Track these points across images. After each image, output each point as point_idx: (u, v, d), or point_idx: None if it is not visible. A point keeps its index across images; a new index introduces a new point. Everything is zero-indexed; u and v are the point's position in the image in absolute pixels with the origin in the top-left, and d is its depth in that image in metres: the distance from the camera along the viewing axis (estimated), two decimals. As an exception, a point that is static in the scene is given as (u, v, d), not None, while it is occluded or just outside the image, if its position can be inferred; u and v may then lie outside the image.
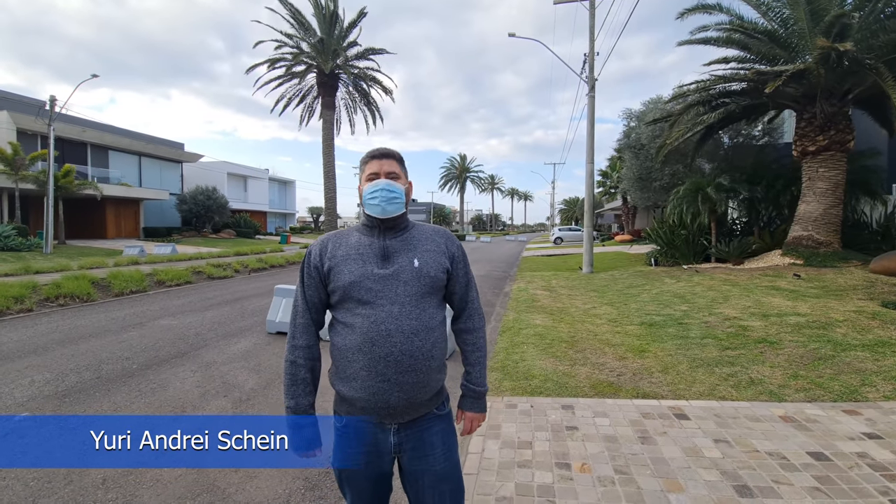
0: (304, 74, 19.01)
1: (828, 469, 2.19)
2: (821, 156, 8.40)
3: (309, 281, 1.32)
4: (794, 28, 7.96)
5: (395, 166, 1.33)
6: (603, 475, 2.26)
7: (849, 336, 4.28)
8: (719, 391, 3.34)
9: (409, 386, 1.22)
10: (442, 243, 1.34)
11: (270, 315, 5.51)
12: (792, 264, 8.47)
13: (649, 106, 14.02)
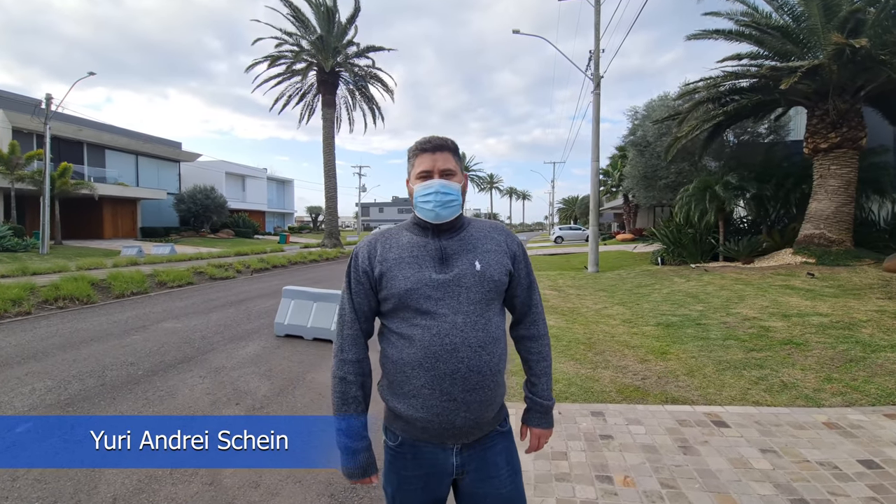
0: (305, 72, 18.85)
1: (881, 478, 2.07)
2: (833, 153, 8.31)
3: (357, 287, 1.17)
4: (807, 24, 7.86)
5: (451, 160, 1.17)
6: (649, 489, 2.12)
7: (876, 337, 4.17)
8: (752, 396, 3.22)
9: (477, 405, 1.10)
10: (502, 241, 1.20)
11: (278, 318, 5.35)
12: (804, 263, 8.38)
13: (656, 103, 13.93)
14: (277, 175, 48.44)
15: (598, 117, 11.15)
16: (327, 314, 5.15)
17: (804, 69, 6.95)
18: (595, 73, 10.83)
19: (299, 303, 5.33)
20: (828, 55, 6.96)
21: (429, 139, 1.20)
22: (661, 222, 13.42)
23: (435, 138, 1.20)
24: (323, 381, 3.88)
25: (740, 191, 9.83)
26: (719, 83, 9.07)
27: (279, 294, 8.34)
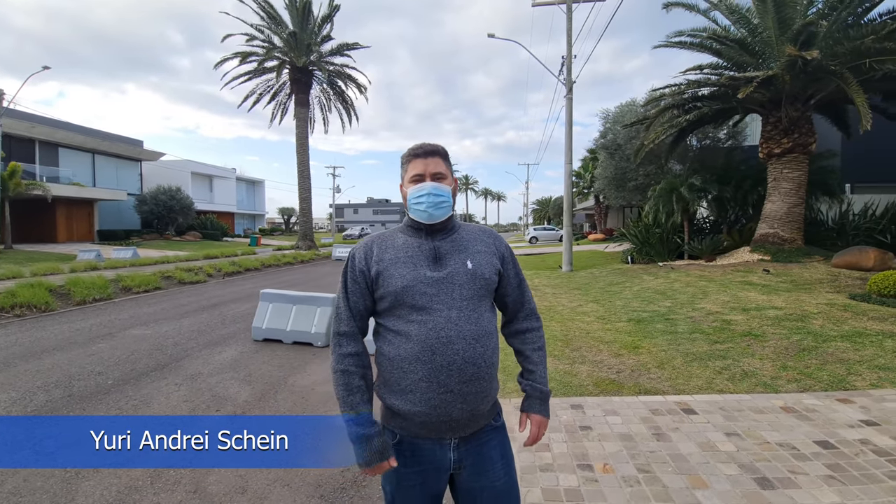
0: (278, 70, 18.39)
1: (836, 457, 2.28)
2: (785, 157, 8.92)
3: (354, 287, 1.22)
4: (762, 36, 8.42)
5: (441, 164, 1.24)
6: (627, 475, 2.25)
7: (826, 328, 4.53)
8: (717, 384, 3.44)
9: (473, 396, 1.14)
10: (491, 243, 1.27)
11: (256, 321, 5.24)
12: (760, 260, 8.94)
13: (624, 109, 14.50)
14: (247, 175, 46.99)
15: (570, 121, 11.49)
16: (307, 317, 5.09)
17: (759, 79, 7.44)
18: (567, 78, 11.17)
19: (278, 306, 5.24)
20: (781, 66, 7.48)
21: (420, 146, 1.27)
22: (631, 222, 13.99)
23: (426, 145, 1.27)
24: (305, 384, 3.85)
25: (703, 192, 10.38)
26: (683, 91, 9.57)
27: (254, 298, 8.15)
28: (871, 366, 3.45)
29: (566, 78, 11.23)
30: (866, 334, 4.12)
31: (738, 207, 11.36)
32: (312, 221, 21.46)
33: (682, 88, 9.51)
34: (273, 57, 18.34)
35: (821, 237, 10.19)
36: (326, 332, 4.98)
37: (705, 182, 10.26)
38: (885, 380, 3.19)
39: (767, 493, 2.03)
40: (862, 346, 3.85)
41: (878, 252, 7.41)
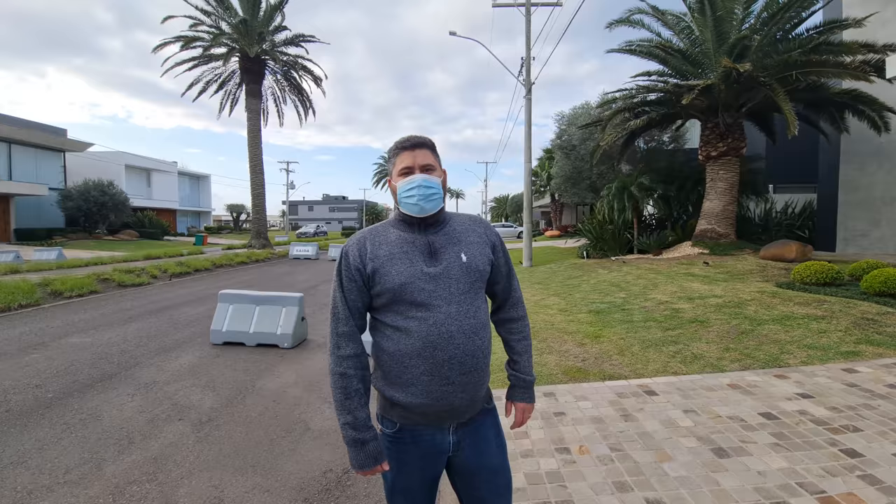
0: (226, 58, 17.24)
1: (780, 427, 2.57)
2: (721, 160, 9.79)
3: (350, 285, 1.20)
4: (702, 48, 9.17)
5: (430, 156, 1.23)
6: (601, 454, 2.40)
7: (759, 312, 5.05)
8: (671, 367, 3.74)
9: (472, 385, 1.18)
10: (483, 233, 1.28)
11: (215, 324, 4.95)
12: (700, 253, 9.75)
13: (579, 111, 15.18)
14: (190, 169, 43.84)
15: (530, 121, 11.86)
16: (272, 318, 4.89)
17: (699, 88, 8.10)
18: (527, 79, 11.50)
19: (239, 307, 4.98)
20: (718, 76, 8.19)
21: (407, 138, 1.25)
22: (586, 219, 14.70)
23: (413, 137, 1.26)
24: (275, 387, 3.71)
25: (651, 191, 11.14)
26: (634, 95, 10.21)
27: (208, 299, 7.67)
28: (801, 345, 3.91)
29: (525, 79, 11.56)
30: (794, 318, 4.65)
31: (681, 205, 12.31)
32: (266, 219, 20.45)
33: (633, 93, 10.14)
34: (221, 44, 17.15)
35: (750, 232, 11.30)
36: (294, 333, 4.82)
37: (652, 182, 11.02)
38: (813, 357, 3.63)
39: (724, 461, 2.25)
40: (791, 328, 4.34)
41: (798, 245, 8.34)
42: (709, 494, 1.99)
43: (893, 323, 4.20)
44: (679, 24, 9.60)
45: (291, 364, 4.31)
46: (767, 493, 1.97)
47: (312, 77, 19.84)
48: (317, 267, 14.34)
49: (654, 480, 2.12)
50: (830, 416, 2.64)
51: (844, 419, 2.57)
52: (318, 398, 3.48)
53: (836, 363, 3.51)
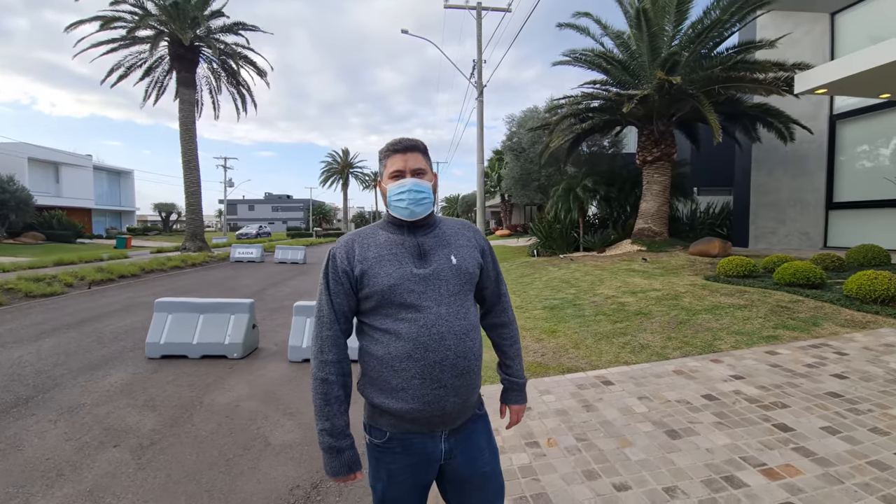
0: (154, 42, 15.64)
1: (720, 407, 2.84)
2: (655, 165, 10.64)
3: (336, 288, 1.18)
4: (639, 60, 9.90)
5: (421, 160, 1.23)
6: (568, 445, 2.50)
7: (693, 304, 5.55)
8: (623, 357, 3.99)
9: (464, 388, 1.18)
10: (472, 237, 1.30)
11: (151, 336, 4.49)
12: (639, 251, 10.53)
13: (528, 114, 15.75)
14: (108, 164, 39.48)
15: (482, 123, 12.08)
16: (219, 327, 4.53)
17: (637, 97, 8.75)
18: (478, 81, 11.72)
19: (180, 316, 4.56)
20: (653, 87, 8.90)
21: (399, 140, 1.24)
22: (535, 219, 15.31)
23: (405, 140, 1.25)
24: (227, 402, 3.44)
25: (594, 193, 11.84)
26: (579, 102, 10.79)
27: (138, 309, 6.94)
28: (729, 332, 4.35)
29: (477, 81, 11.77)
30: (722, 307, 5.17)
31: (621, 206, 13.22)
32: (203, 219, 18.94)
33: (578, 99, 10.72)
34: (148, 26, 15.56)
35: (679, 231, 12.41)
36: (244, 342, 4.50)
37: (596, 184, 11.72)
38: (741, 342, 4.06)
39: (677, 442, 2.44)
40: (720, 317, 4.82)
41: (720, 242, 9.30)
42: (667, 474, 2.15)
43: (804, 309, 4.82)
44: (619, 38, 10.31)
45: (243, 375, 4.02)
46: (717, 468, 2.17)
47: (254, 68, 18.67)
48: (263, 270, 13.53)
49: (618, 466, 2.25)
50: (761, 394, 2.96)
51: (773, 397, 2.90)
52: (277, 410, 3.28)
53: (759, 347, 3.95)
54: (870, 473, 2.02)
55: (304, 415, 3.18)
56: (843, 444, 2.29)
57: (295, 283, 10.44)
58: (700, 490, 2.01)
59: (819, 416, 2.60)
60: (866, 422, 2.49)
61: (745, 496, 1.95)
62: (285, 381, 3.88)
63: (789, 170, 11.03)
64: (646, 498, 1.99)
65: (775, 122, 9.93)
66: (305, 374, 4.05)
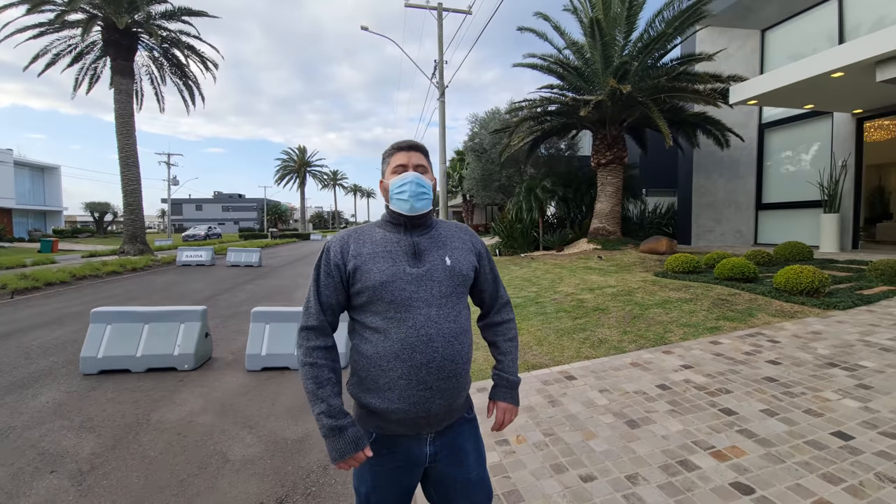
0: (86, 27, 14.21)
1: (672, 395, 3.03)
2: (608, 167, 11.19)
3: (327, 280, 1.20)
4: (593, 68, 10.36)
5: (423, 160, 1.27)
6: (536, 440, 2.57)
7: (645, 299, 5.89)
8: (583, 352, 4.16)
9: (450, 391, 1.18)
10: (468, 240, 1.32)
11: (87, 350, 4.09)
12: (595, 249, 11.03)
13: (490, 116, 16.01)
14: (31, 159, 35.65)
15: (443, 123, 12.12)
16: (167, 337, 4.21)
17: (592, 103, 9.16)
18: (440, 82, 11.75)
19: (121, 327, 4.19)
20: (605, 94, 9.36)
21: (405, 141, 1.30)
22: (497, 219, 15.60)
23: (410, 140, 1.31)
24: (178, 418, 3.20)
25: (553, 193, 12.26)
26: (537, 105, 11.13)
27: (71, 320, 6.32)
28: (678, 324, 4.66)
29: (439, 82, 11.79)
30: (671, 301, 5.52)
31: (577, 206, 13.79)
32: (144, 220, 17.55)
33: (537, 103, 11.05)
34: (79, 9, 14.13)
35: (630, 230, 13.14)
36: (196, 352, 4.22)
37: (554, 185, 12.15)
38: (689, 334, 4.35)
39: (636, 431, 2.58)
40: (670, 310, 5.15)
41: (667, 240, 9.94)
42: (629, 462, 2.26)
43: (741, 302, 5.26)
44: (575, 46, 10.75)
45: (196, 388, 3.76)
46: (672, 453, 2.31)
47: (202, 59, 17.53)
48: (214, 274, 12.75)
49: (584, 458, 2.34)
50: (707, 382, 3.20)
51: (718, 384, 3.14)
52: (236, 423, 3.10)
53: (704, 337, 4.26)
54: (808, 452, 2.24)
55: (266, 426, 3.03)
56: (781, 425, 2.52)
57: (251, 287, 9.93)
58: (658, 475, 2.13)
59: (758, 400, 2.85)
60: (801, 404, 2.76)
61: (698, 478, 2.09)
62: (243, 391, 3.68)
63: (725, 173, 12.01)
64: (610, 487, 2.08)
65: (713, 130, 10.77)
66: (265, 383, 3.86)
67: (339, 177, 74.67)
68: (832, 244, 9.11)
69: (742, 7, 10.29)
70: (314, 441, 2.82)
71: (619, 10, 9.80)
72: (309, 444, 2.78)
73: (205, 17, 16.91)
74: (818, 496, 1.90)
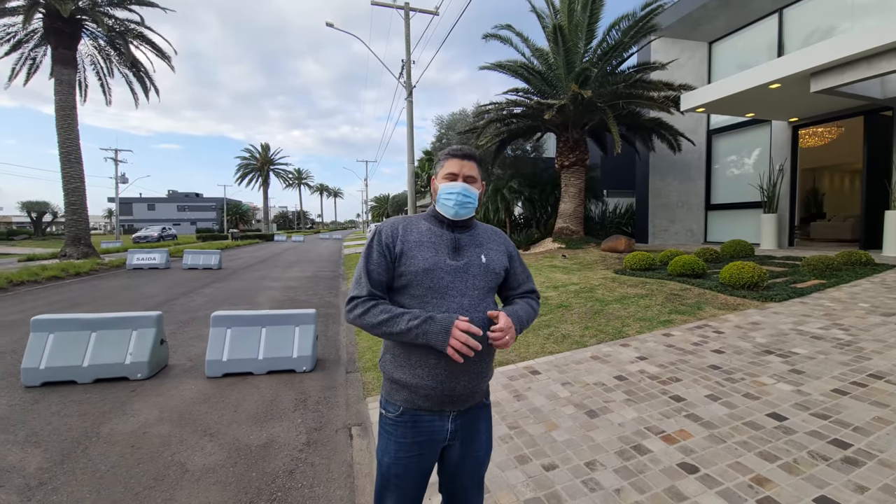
0: (28, 14, 12.99)
1: (629, 385, 3.22)
2: (571, 169, 11.59)
3: (379, 259, 1.28)
4: (557, 72, 10.70)
5: (475, 170, 1.36)
6: (502, 434, 2.65)
7: (606, 295, 6.17)
8: (548, 348, 4.31)
9: (475, 374, 1.29)
10: (502, 242, 1.44)
11: (28, 361, 3.79)
12: (559, 248, 11.40)
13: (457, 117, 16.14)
14: (-44, 154, 32.23)
15: (411, 123, 12.11)
16: (118, 344, 3.97)
17: (556, 106, 9.47)
18: (407, 81, 11.72)
19: (65, 336, 3.91)
20: (568, 98, 9.70)
21: (459, 148, 1.38)
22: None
23: (465, 148, 1.39)
24: (131, 429, 3.04)
25: (519, 194, 12.55)
26: (504, 107, 11.35)
27: (6, 330, 5.85)
28: (635, 318, 4.92)
29: (406, 81, 11.76)
30: (629, 297, 5.82)
31: (543, 207, 14.19)
32: (88, 220, 16.34)
33: (503, 105, 11.28)
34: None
35: (592, 229, 13.67)
36: (151, 360, 4.01)
37: (521, 185, 12.44)
38: (644, 328, 4.61)
39: (595, 421, 2.72)
40: (627, 306, 5.42)
41: (626, 239, 10.43)
42: (588, 450, 2.39)
43: (691, 296, 5.62)
44: (539, 52, 11.07)
45: (151, 397, 3.58)
46: (628, 439, 2.46)
47: (154, 49, 16.54)
48: (169, 277, 12.08)
49: (546, 448, 2.44)
50: (660, 371, 3.41)
51: (669, 373, 3.36)
52: (195, 432, 2.98)
53: (658, 330, 4.53)
54: (746, 433, 2.45)
55: (228, 434, 2.94)
56: (723, 408, 2.74)
57: (210, 291, 9.50)
58: (615, 461, 2.27)
59: (704, 387, 3.08)
60: (740, 388, 3.01)
61: (649, 461, 2.24)
62: (203, 399, 3.54)
63: (678, 176, 12.76)
64: (570, 474, 2.19)
65: (667, 135, 11.42)
66: (226, 390, 3.73)
67: (305, 175, 72.63)
68: (771, 242, 9.90)
69: (691, 20, 10.97)
70: (280, 445, 2.77)
71: (580, 18, 10.19)
72: (275, 449, 2.72)
73: (156, 8, 15.97)
74: (756, 472, 2.09)
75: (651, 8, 9.40)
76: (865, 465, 2.06)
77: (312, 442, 2.82)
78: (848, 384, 2.93)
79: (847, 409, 2.61)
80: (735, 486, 2.01)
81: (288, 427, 3.02)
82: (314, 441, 2.83)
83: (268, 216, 52.64)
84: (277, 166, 52.97)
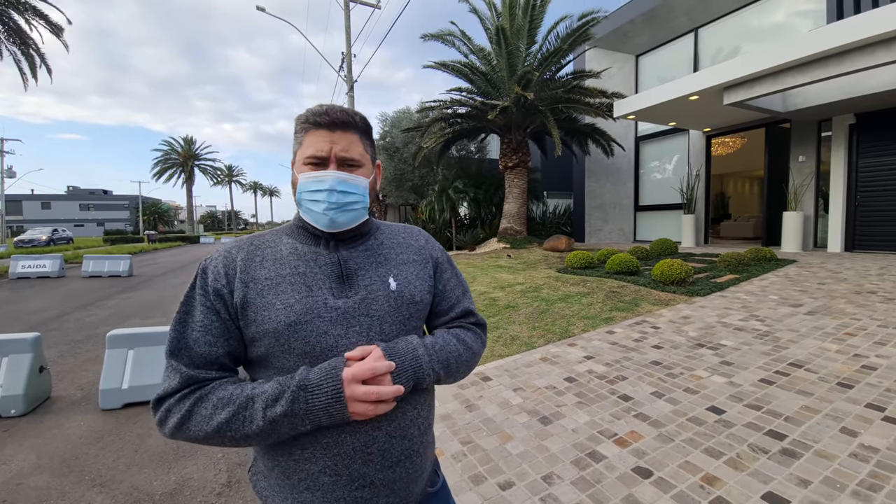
0: None
1: (579, 387, 3.19)
2: (514, 170, 11.82)
3: (207, 317, 0.76)
4: (500, 74, 10.84)
5: (357, 145, 0.82)
6: (455, 451, 2.46)
7: (551, 294, 6.27)
8: (497, 351, 4.22)
9: (403, 481, 0.81)
10: (421, 248, 0.93)
11: None
12: (504, 248, 11.56)
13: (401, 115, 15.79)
14: None
15: (352, 119, 11.57)
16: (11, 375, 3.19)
17: (499, 108, 9.56)
18: (348, 75, 11.19)
19: None
20: (511, 100, 9.85)
21: (325, 110, 0.81)
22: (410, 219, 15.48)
23: (334, 110, 0.81)
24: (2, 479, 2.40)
25: (464, 194, 12.55)
26: (448, 107, 11.27)
27: None
28: (579, 317, 5.01)
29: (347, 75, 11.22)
30: (572, 296, 5.95)
31: (488, 207, 14.34)
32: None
33: (447, 104, 11.19)
34: None
35: (534, 229, 14.09)
36: (27, 392, 3.27)
37: (466, 186, 12.45)
38: (589, 326, 4.70)
39: (548, 428, 2.63)
40: (571, 304, 5.53)
41: (566, 238, 10.84)
42: (544, 462, 2.28)
43: (628, 293, 5.87)
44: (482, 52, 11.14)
45: (27, 439, 2.90)
46: (582, 446, 2.39)
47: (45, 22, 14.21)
48: (63, 288, 10.39)
49: (501, 464, 2.29)
50: (607, 370, 3.44)
51: (615, 371, 3.40)
52: (82, 481, 2.42)
53: (601, 328, 4.63)
54: (691, 429, 2.49)
55: (126, 481, 2.42)
56: (668, 405, 2.79)
57: (115, 302, 8.27)
58: (571, 471, 2.17)
59: (648, 384, 3.13)
60: (681, 383, 3.10)
61: (605, 468, 2.18)
62: (95, 438, 2.93)
63: (611, 178, 13.57)
64: (528, 491, 2.05)
65: (601, 140, 12.08)
66: (126, 423, 3.14)
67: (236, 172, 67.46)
68: (690, 240, 10.86)
69: (621, 34, 11.70)
70: (193, 490, 2.33)
71: (521, 22, 10.40)
72: (186, 496, 2.28)
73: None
74: (705, 471, 2.10)
75: (587, 19, 9.87)
76: (803, 456, 2.15)
77: (235, 481, 2.40)
78: (772, 374, 3.14)
79: (776, 398, 2.77)
80: (688, 487, 1.99)
81: (205, 465, 2.56)
82: (237, 480, 2.42)
83: (192, 216, 48.04)
84: (204, 162, 48.53)
